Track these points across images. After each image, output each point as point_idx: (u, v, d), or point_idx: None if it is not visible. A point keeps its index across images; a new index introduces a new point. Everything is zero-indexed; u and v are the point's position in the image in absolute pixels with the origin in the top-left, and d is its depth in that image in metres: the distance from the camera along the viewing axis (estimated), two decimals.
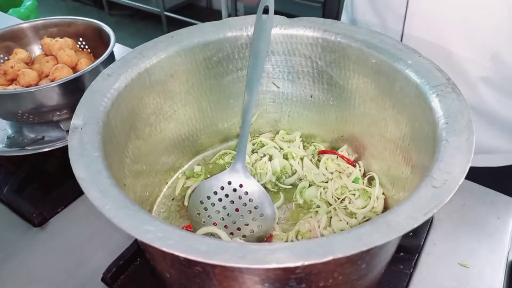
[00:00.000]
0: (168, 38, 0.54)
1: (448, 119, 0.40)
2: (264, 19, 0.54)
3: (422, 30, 0.61)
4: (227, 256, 0.28)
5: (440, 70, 0.45)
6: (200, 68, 0.56)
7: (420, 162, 0.44)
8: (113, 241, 0.55)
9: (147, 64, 0.51)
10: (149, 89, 0.52)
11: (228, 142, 0.67)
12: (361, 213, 0.53)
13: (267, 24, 0.54)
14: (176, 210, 0.57)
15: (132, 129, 0.50)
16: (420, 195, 0.33)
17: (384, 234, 0.30)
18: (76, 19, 0.78)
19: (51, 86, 0.60)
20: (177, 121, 0.58)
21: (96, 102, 0.44)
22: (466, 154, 0.36)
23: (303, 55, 0.57)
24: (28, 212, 0.59)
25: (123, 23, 3.24)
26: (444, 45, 0.60)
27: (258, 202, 0.50)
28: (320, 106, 0.61)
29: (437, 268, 0.52)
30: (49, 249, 0.56)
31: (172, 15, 2.95)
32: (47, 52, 0.75)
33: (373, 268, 0.41)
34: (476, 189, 0.62)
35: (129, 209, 0.32)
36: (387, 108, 0.52)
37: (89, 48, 0.79)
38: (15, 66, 0.69)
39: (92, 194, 0.33)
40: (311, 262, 0.28)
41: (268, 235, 0.51)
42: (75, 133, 0.40)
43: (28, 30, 0.78)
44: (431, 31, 0.60)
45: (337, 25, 0.55)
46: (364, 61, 0.52)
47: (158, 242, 0.29)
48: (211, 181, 0.51)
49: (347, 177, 0.57)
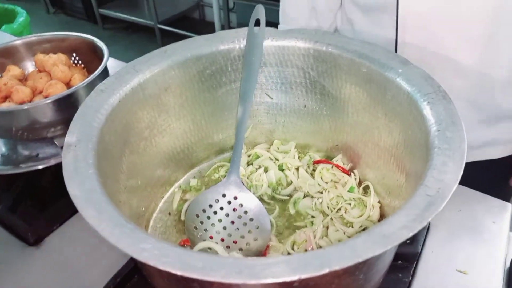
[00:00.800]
0: (161, 52, 0.54)
1: (440, 126, 0.41)
2: (256, 32, 0.54)
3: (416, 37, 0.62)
4: (223, 272, 0.28)
5: (430, 78, 0.46)
6: (194, 81, 0.57)
7: (414, 170, 0.45)
8: (110, 259, 0.55)
9: (141, 78, 0.51)
10: (143, 104, 0.52)
11: (224, 154, 0.67)
12: (357, 222, 0.53)
13: (259, 36, 0.54)
14: (173, 225, 0.57)
15: (126, 144, 0.50)
16: (414, 204, 0.33)
17: (380, 245, 0.30)
18: (69, 34, 0.79)
19: (45, 102, 0.60)
20: (172, 134, 0.58)
21: (90, 118, 0.44)
22: (459, 161, 0.36)
23: (296, 66, 0.58)
24: (23, 230, 0.59)
25: (117, 36, 3.25)
26: (438, 48, 0.61)
27: (253, 214, 0.50)
28: (314, 116, 0.62)
29: (436, 275, 0.52)
30: (45, 268, 0.56)
31: (165, 27, 2.97)
32: (40, 68, 0.75)
33: (371, 278, 0.40)
34: (471, 194, 0.62)
35: (125, 227, 0.32)
36: (380, 116, 0.52)
37: (83, 63, 0.80)
38: (8, 83, 0.69)
39: (87, 212, 0.33)
40: (307, 275, 0.28)
41: (264, 248, 0.51)
42: (69, 150, 0.40)
43: (21, 47, 0.78)
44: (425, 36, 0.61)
45: (328, 36, 0.55)
46: (355, 70, 0.52)
47: (154, 260, 0.29)
48: (206, 195, 0.51)
49: (342, 187, 0.57)
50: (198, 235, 0.51)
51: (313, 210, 0.56)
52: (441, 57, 0.61)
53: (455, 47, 0.60)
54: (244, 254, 0.50)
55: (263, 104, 0.64)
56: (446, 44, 0.60)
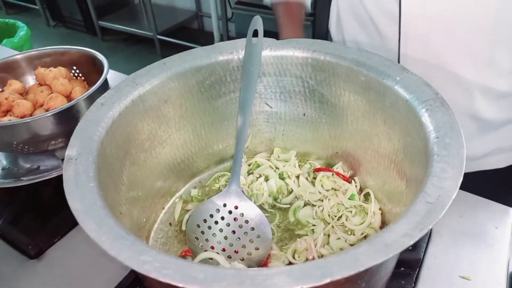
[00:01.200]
0: (160, 64, 0.55)
1: (439, 133, 0.41)
2: (254, 42, 0.55)
3: (418, 50, 0.62)
4: (224, 283, 0.28)
5: (428, 85, 0.46)
6: (193, 92, 0.57)
7: (414, 176, 0.45)
8: (111, 270, 0.55)
9: (141, 91, 0.52)
10: (143, 116, 0.53)
11: (224, 164, 0.67)
12: (358, 229, 0.53)
13: (257, 46, 0.55)
14: (174, 235, 0.57)
15: (127, 156, 0.50)
16: (415, 212, 0.34)
17: (381, 253, 0.30)
18: (69, 48, 0.79)
19: (46, 116, 0.60)
20: (172, 145, 0.58)
21: (90, 132, 0.44)
22: (458, 168, 0.37)
23: (294, 75, 0.58)
24: (24, 244, 0.59)
25: (116, 47, 3.28)
26: (440, 61, 0.61)
27: (254, 223, 0.50)
28: (313, 124, 0.62)
29: (439, 281, 0.52)
30: (47, 281, 0.55)
31: (165, 38, 2.99)
32: (41, 82, 0.75)
33: (373, 286, 0.40)
34: (473, 200, 0.62)
35: (125, 240, 0.32)
36: (379, 123, 0.52)
37: (83, 75, 0.80)
38: (9, 97, 0.70)
39: (87, 226, 0.33)
40: (309, 285, 0.28)
41: (266, 257, 0.51)
42: (70, 164, 0.40)
43: (22, 61, 0.79)
44: (427, 49, 0.61)
45: (326, 45, 0.56)
46: (353, 79, 0.53)
47: (155, 273, 0.29)
48: (207, 204, 0.51)
49: (343, 194, 0.57)
50: (200, 245, 0.51)
51: (313, 218, 0.56)
52: (442, 70, 0.61)
53: (455, 60, 0.60)
54: (245, 263, 0.50)
55: (262, 113, 0.64)
56: (447, 57, 0.60)
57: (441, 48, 0.60)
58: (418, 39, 0.61)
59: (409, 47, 0.63)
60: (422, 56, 0.62)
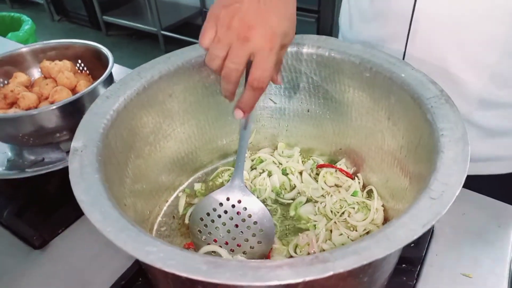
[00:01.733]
0: (165, 59, 0.55)
1: (443, 130, 0.41)
2: None
3: (424, 52, 0.62)
4: (228, 274, 0.28)
5: (433, 82, 0.46)
6: (197, 86, 0.57)
7: (418, 173, 0.45)
8: (114, 262, 0.55)
9: (145, 85, 0.52)
10: (148, 109, 0.53)
11: (228, 159, 0.67)
12: (361, 225, 0.53)
13: None
14: (177, 228, 0.57)
15: (132, 149, 0.51)
16: (418, 207, 0.34)
17: (384, 248, 0.30)
18: (75, 42, 0.80)
19: (51, 108, 0.61)
20: (176, 139, 0.59)
21: (95, 124, 0.45)
22: (462, 165, 0.37)
23: (299, 71, 0.58)
24: (28, 234, 0.59)
25: (121, 43, 3.28)
26: (444, 66, 0.60)
27: (257, 217, 0.50)
28: (317, 120, 0.62)
29: (440, 279, 0.52)
30: (51, 271, 0.56)
31: (169, 34, 2.99)
32: (46, 75, 0.76)
33: (375, 281, 0.40)
34: (476, 198, 0.62)
35: (130, 231, 0.32)
36: (383, 120, 0.53)
37: (88, 69, 0.81)
38: (15, 89, 0.70)
39: (93, 216, 0.33)
40: (312, 278, 0.28)
41: (268, 251, 0.51)
42: (75, 156, 0.40)
43: (27, 54, 0.79)
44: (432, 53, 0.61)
45: (331, 41, 0.56)
46: (358, 75, 0.53)
47: (160, 263, 0.29)
48: (210, 198, 0.52)
49: (346, 191, 0.57)
50: (202, 239, 0.51)
51: (315, 214, 0.56)
52: (444, 75, 0.60)
53: (460, 68, 0.60)
54: (248, 257, 0.50)
55: (266, 109, 0.64)
56: (453, 64, 0.60)
57: (448, 55, 0.59)
58: (426, 41, 0.61)
59: (416, 47, 0.62)
60: (427, 58, 0.61)
